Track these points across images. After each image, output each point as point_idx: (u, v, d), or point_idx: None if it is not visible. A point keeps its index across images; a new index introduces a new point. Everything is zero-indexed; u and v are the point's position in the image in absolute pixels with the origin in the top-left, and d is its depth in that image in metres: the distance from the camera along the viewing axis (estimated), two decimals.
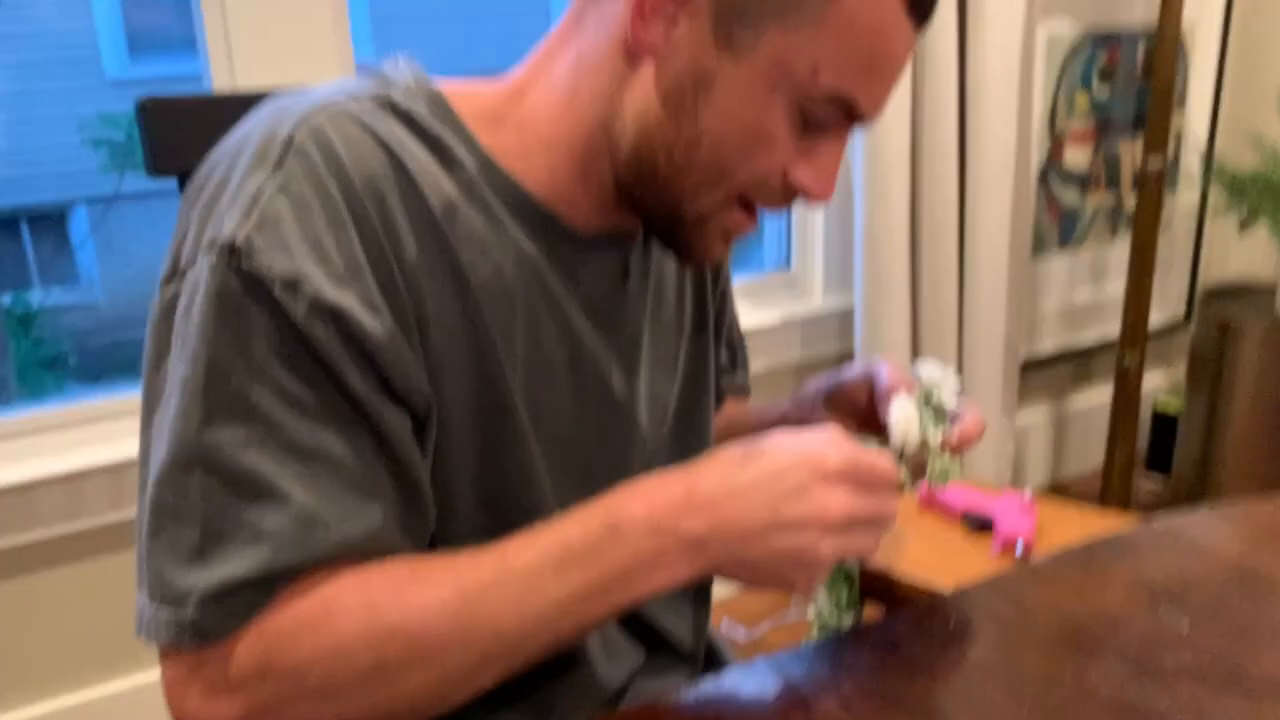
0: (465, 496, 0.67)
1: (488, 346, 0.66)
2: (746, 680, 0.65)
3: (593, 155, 0.67)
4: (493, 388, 0.66)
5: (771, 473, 0.61)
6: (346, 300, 0.59)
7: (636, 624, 0.79)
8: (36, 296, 4.42)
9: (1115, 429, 2.06)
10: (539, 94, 0.69)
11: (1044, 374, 2.31)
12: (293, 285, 0.58)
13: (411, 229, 0.62)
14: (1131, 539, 0.79)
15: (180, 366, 0.59)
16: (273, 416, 0.58)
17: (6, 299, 4.09)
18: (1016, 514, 1.09)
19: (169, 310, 0.61)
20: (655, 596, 0.61)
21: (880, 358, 0.79)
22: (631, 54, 0.64)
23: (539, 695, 0.71)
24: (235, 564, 0.57)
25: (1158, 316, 2.40)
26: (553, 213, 0.69)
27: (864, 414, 0.82)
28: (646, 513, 0.61)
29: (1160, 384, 2.49)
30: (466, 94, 0.69)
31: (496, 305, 0.66)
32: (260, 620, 0.58)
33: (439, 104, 0.67)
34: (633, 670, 0.77)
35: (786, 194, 0.67)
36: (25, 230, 4.52)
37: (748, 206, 0.68)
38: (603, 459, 0.74)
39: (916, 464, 0.73)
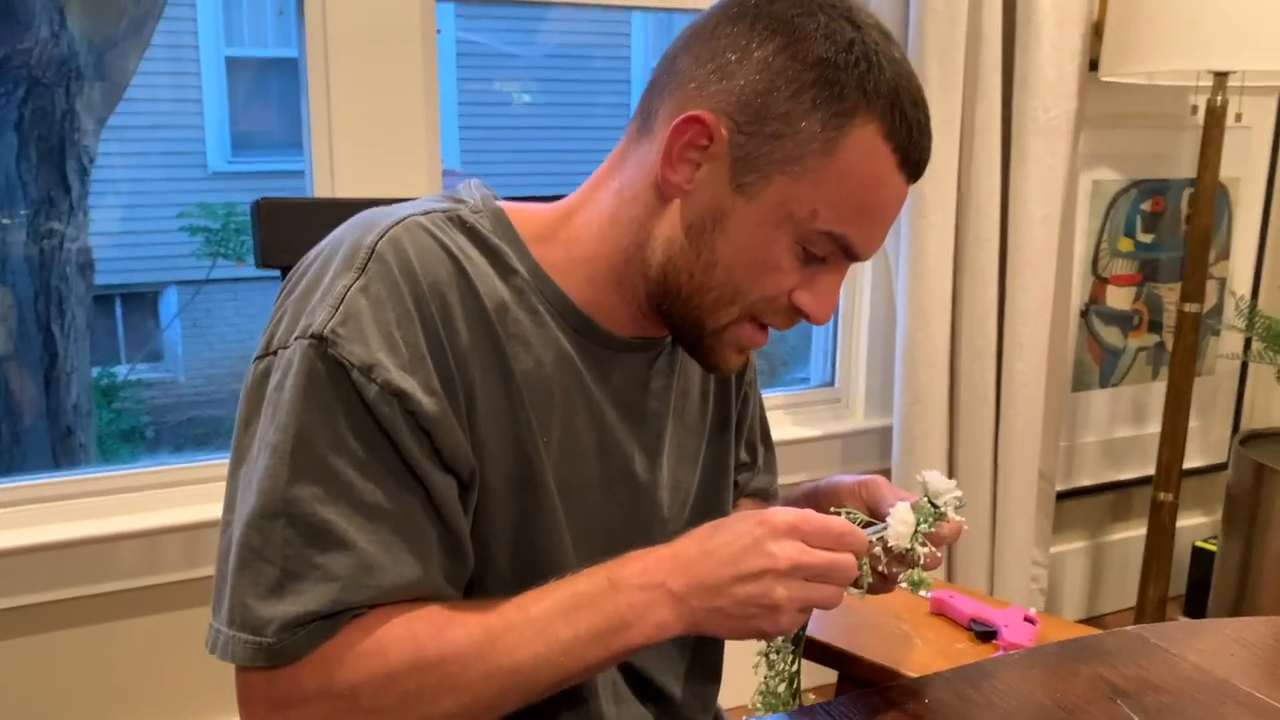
0: (502, 552, 0.77)
1: (525, 428, 0.76)
2: None
3: (628, 272, 0.79)
4: (528, 464, 0.77)
5: (734, 535, 0.71)
6: (410, 385, 0.70)
7: (647, 687, 0.88)
8: (122, 370, 4.65)
9: (1149, 565, 2.09)
10: (585, 217, 0.81)
11: (1082, 506, 2.34)
12: (367, 371, 0.69)
13: (467, 325, 0.74)
14: (1102, 640, 0.86)
15: (270, 432, 0.70)
16: (345, 479, 0.69)
17: (94, 371, 4.31)
18: (1020, 625, 1.15)
19: (261, 381, 0.73)
20: (648, 644, 0.71)
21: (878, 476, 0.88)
22: (662, 191, 0.76)
23: None
24: (308, 600, 0.67)
25: (1200, 459, 2.43)
26: (591, 318, 0.80)
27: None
28: (639, 572, 0.71)
29: (1202, 525, 2.50)
30: (524, 213, 0.81)
31: (536, 393, 0.77)
32: (324, 649, 0.68)
33: (501, 221, 0.79)
34: None
35: (791, 315, 0.78)
36: (119, 307, 4.78)
37: (759, 323, 0.78)
38: (624, 532, 0.84)
39: (902, 564, 0.80)
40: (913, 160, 0.75)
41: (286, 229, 0.99)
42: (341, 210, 0.88)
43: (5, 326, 3.18)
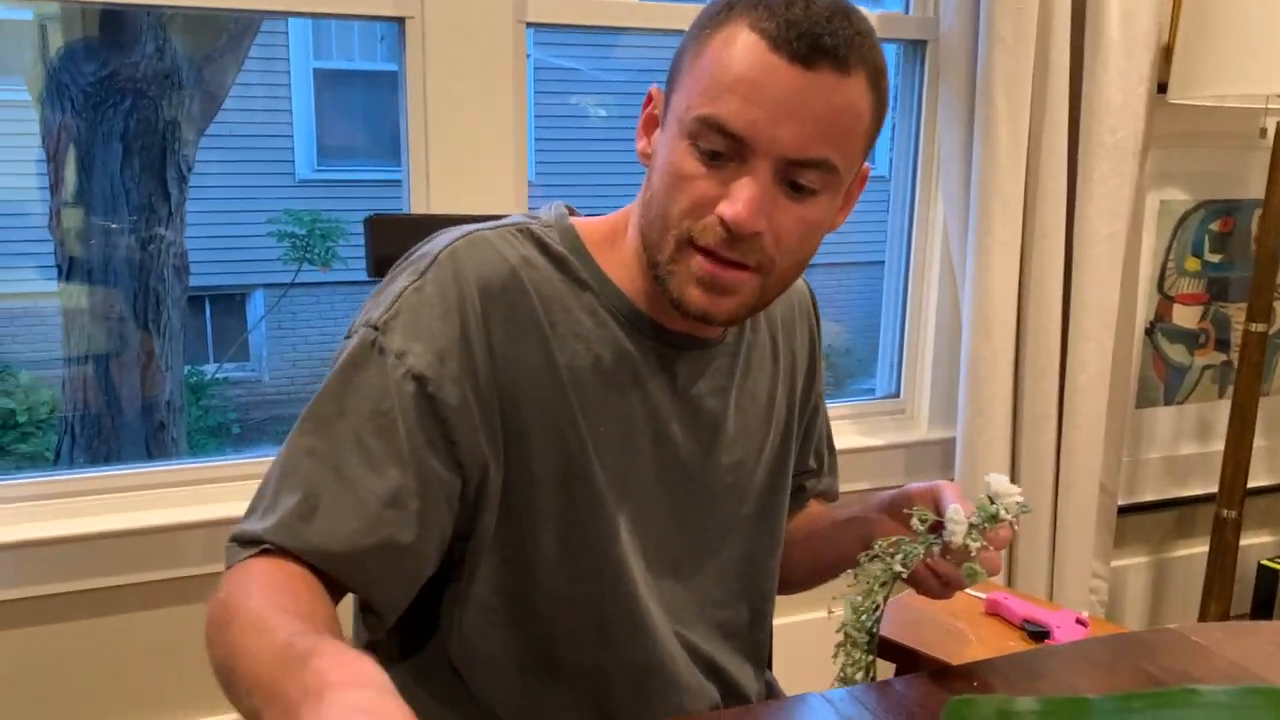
0: (549, 541, 0.86)
1: (570, 422, 0.85)
2: (801, 708, 0.81)
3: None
4: (571, 456, 0.86)
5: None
6: (435, 372, 0.81)
7: (715, 672, 0.96)
8: (209, 369, 4.86)
9: (1211, 582, 2.11)
10: (634, 218, 0.90)
11: (1146, 521, 2.36)
12: (401, 356, 0.81)
13: (514, 326, 0.84)
14: (1144, 637, 0.92)
15: (315, 396, 0.83)
16: (338, 444, 0.80)
17: (185, 368, 4.51)
18: (1071, 627, 1.21)
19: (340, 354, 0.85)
20: None
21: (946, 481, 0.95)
22: (644, 165, 0.87)
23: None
24: (253, 524, 0.79)
25: (1269, 478, 2.43)
26: (650, 317, 0.89)
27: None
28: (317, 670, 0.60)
29: (1269, 544, 2.50)
30: (592, 224, 0.92)
31: (589, 388, 0.86)
32: (236, 565, 0.77)
33: (568, 233, 0.90)
34: (710, 705, 0.94)
35: (716, 229, 0.80)
36: (209, 308, 4.99)
37: (703, 251, 0.82)
38: (677, 524, 0.92)
39: (958, 559, 0.87)
40: (787, 38, 0.76)
41: (394, 242, 1.08)
42: (441, 225, 0.98)
43: (108, 325, 3.35)
